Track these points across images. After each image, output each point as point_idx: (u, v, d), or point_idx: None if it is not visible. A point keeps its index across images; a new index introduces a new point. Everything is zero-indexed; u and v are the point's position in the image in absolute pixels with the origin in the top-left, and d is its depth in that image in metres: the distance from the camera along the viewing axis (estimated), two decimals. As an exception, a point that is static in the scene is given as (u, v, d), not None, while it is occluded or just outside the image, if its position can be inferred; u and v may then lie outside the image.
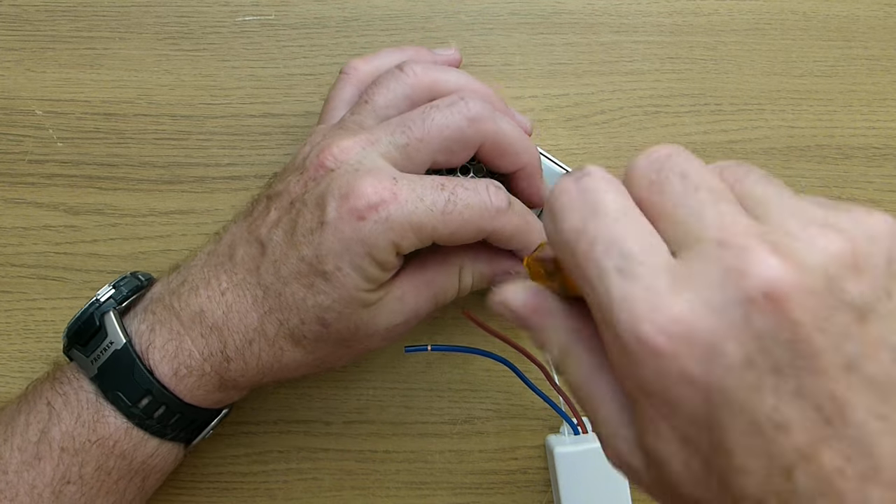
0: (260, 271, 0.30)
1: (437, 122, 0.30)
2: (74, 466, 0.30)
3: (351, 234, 0.28)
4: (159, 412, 0.31)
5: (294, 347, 0.30)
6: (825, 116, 0.39)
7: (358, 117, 0.32)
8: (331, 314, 0.29)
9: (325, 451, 0.38)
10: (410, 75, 0.32)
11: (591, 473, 0.35)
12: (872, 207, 0.19)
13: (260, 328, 0.30)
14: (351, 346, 0.31)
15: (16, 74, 0.39)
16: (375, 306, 0.30)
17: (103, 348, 0.31)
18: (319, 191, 0.29)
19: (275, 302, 0.30)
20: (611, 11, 0.39)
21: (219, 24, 0.39)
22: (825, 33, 0.40)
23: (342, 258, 0.28)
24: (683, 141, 0.39)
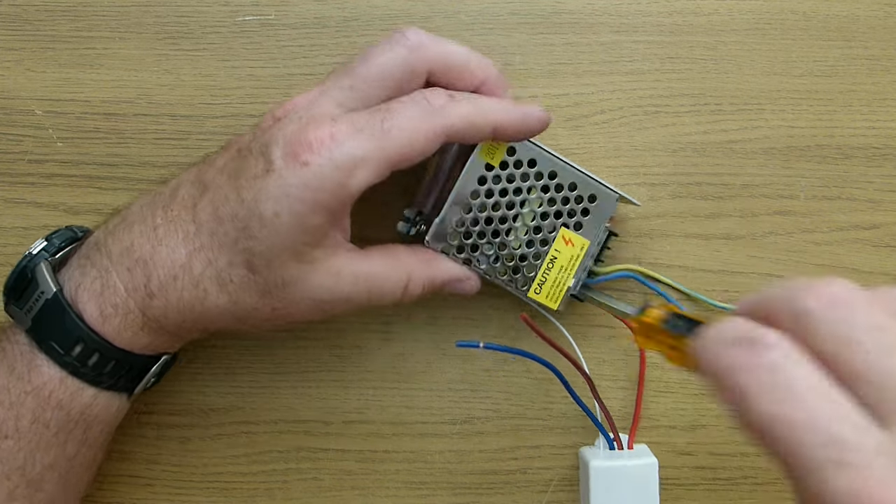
0: (196, 209, 0.30)
1: (378, 58, 0.31)
2: (10, 420, 0.30)
3: (294, 180, 0.28)
4: (93, 359, 0.31)
5: (218, 291, 0.30)
6: (825, 116, 0.39)
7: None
8: (260, 260, 0.29)
9: (325, 451, 0.38)
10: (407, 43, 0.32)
11: (623, 489, 0.35)
12: None
13: (187, 264, 0.30)
14: (275, 303, 0.31)
15: (16, 74, 0.39)
16: (308, 267, 0.30)
17: (34, 299, 0.30)
18: (265, 139, 0.29)
19: (206, 239, 0.30)
20: (611, 11, 0.39)
21: (219, 24, 0.39)
22: (825, 33, 0.40)
23: (281, 203, 0.28)
24: (683, 141, 0.39)
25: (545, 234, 0.35)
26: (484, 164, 0.33)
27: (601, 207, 0.35)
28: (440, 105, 0.30)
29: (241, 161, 0.30)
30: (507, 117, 0.31)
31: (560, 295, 0.35)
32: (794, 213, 0.39)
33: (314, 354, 0.39)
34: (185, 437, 0.38)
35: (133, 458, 0.38)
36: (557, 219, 0.35)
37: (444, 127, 0.30)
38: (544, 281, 0.35)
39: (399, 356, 0.39)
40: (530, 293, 0.35)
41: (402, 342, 0.39)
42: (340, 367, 0.39)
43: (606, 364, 0.39)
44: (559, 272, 0.35)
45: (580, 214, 0.35)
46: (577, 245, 0.35)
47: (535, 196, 0.34)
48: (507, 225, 0.34)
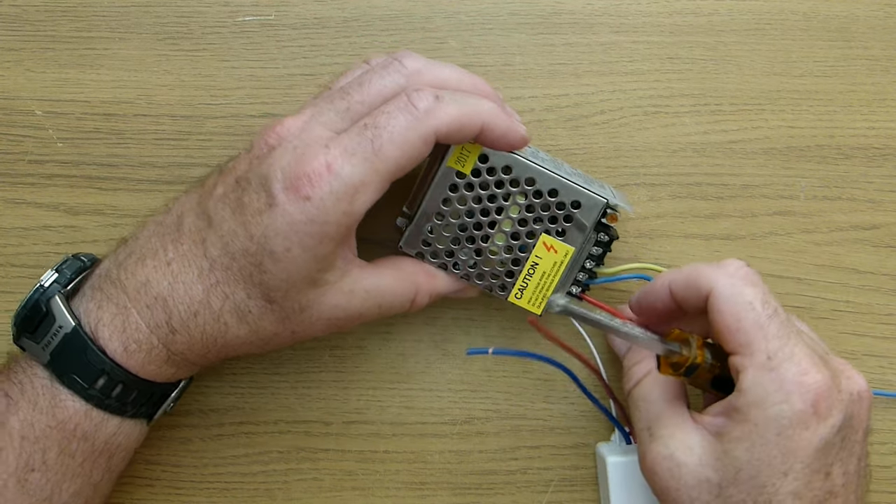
0: (206, 244, 0.30)
1: (375, 83, 0.31)
2: (37, 453, 0.30)
3: (300, 216, 0.28)
4: (117, 391, 0.31)
5: (239, 323, 0.31)
6: (825, 116, 0.39)
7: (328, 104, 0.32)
8: (276, 292, 0.30)
9: (325, 452, 0.38)
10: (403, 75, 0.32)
11: (642, 482, 0.34)
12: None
13: (205, 300, 0.30)
14: (294, 327, 0.31)
15: (16, 74, 0.39)
16: (322, 290, 0.31)
17: (53, 333, 0.30)
18: (262, 171, 0.29)
19: (221, 275, 0.30)
20: (610, 11, 0.39)
21: (219, 24, 0.39)
22: (825, 33, 0.40)
23: (291, 240, 0.29)
24: (683, 141, 0.39)
25: (524, 241, 0.34)
26: (455, 172, 0.33)
27: (586, 213, 0.34)
28: (426, 108, 0.29)
29: (242, 193, 0.30)
30: (495, 120, 0.31)
31: (543, 300, 0.35)
32: (794, 213, 0.39)
33: (314, 354, 0.39)
34: (185, 437, 0.38)
35: (133, 458, 0.38)
36: (537, 224, 0.34)
37: (433, 130, 0.29)
38: (525, 286, 0.35)
39: (399, 356, 0.39)
40: (511, 298, 0.35)
41: (402, 342, 0.39)
42: (340, 367, 0.39)
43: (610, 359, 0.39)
44: (542, 278, 0.35)
45: (563, 221, 0.34)
46: (561, 252, 0.34)
47: (511, 203, 0.34)
48: (482, 232, 0.34)
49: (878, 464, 0.39)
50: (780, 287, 0.39)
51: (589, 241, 0.35)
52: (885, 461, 0.39)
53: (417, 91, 0.30)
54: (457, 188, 0.33)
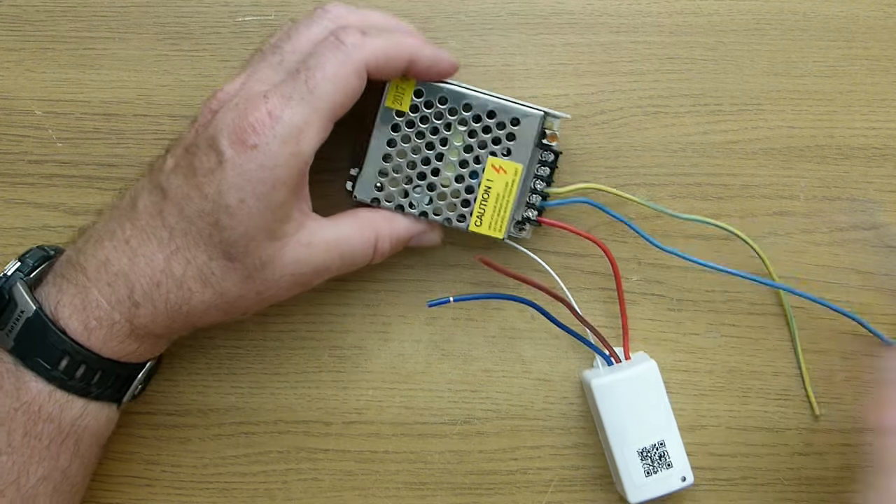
0: (163, 214, 0.31)
1: (303, 32, 0.32)
2: (2, 436, 0.30)
3: (249, 164, 0.29)
4: (80, 371, 0.31)
5: (203, 287, 0.31)
6: (825, 116, 0.39)
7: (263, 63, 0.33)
8: (236, 248, 0.31)
9: (325, 452, 0.38)
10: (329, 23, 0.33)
11: (630, 399, 0.36)
12: None
13: (167, 269, 0.31)
14: (258, 287, 0.32)
15: (16, 74, 0.39)
16: (282, 242, 0.31)
17: (15, 318, 0.31)
18: (209, 133, 0.30)
19: (181, 241, 0.31)
20: (610, 11, 0.39)
21: (218, 24, 0.39)
22: (825, 33, 0.40)
23: (245, 190, 0.30)
24: (683, 141, 0.39)
25: (473, 167, 0.35)
26: (394, 112, 0.34)
27: (526, 128, 0.35)
28: (354, 43, 0.31)
29: (192, 158, 0.31)
30: (422, 50, 0.32)
31: (503, 223, 0.35)
32: (794, 213, 0.39)
33: (314, 355, 0.39)
34: (185, 437, 0.38)
35: (133, 458, 0.38)
36: (483, 149, 0.35)
37: (363, 63, 0.31)
38: (483, 212, 0.35)
39: (399, 356, 0.39)
40: (471, 227, 0.35)
41: (402, 342, 0.39)
42: (340, 368, 0.39)
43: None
44: (497, 201, 0.35)
45: (506, 140, 0.35)
46: (510, 171, 0.35)
47: (454, 132, 0.35)
48: (431, 166, 0.35)
49: (877, 464, 0.39)
50: (780, 287, 0.39)
51: (535, 160, 0.36)
52: (885, 461, 0.39)
53: (344, 28, 0.31)
54: (398, 127, 0.35)
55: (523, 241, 0.37)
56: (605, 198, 0.38)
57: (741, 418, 0.39)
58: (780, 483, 0.39)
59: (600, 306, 0.39)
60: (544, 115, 0.35)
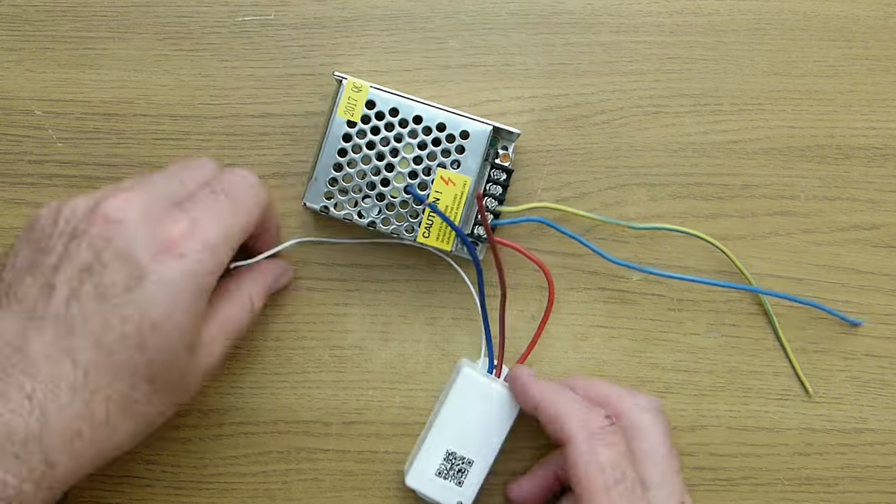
0: (73, 353, 0.27)
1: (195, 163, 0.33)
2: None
3: (175, 275, 0.28)
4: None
5: (126, 420, 0.29)
6: (825, 116, 0.39)
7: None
8: (159, 367, 0.29)
9: (325, 452, 0.38)
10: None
11: (479, 407, 0.36)
12: None
13: (86, 414, 0.27)
14: (176, 398, 0.31)
15: (16, 74, 0.39)
16: (195, 349, 0.30)
17: None
18: (118, 246, 0.28)
19: (99, 378, 0.27)
20: (611, 11, 0.39)
21: (218, 24, 0.39)
22: (825, 33, 0.40)
23: (171, 303, 0.28)
24: (683, 141, 0.39)
25: (423, 179, 0.35)
26: (345, 122, 0.35)
27: (476, 142, 0.35)
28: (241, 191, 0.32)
29: (97, 279, 0.28)
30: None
31: (451, 235, 0.36)
32: (795, 213, 0.39)
33: (314, 355, 0.39)
34: (185, 437, 0.38)
35: (133, 459, 0.38)
36: (432, 161, 0.35)
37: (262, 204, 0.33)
38: (431, 224, 0.35)
39: (399, 356, 0.39)
40: (419, 238, 0.36)
41: (402, 342, 0.39)
42: (340, 367, 0.39)
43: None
44: (445, 213, 0.35)
45: (455, 153, 0.35)
46: (459, 183, 0.35)
47: (405, 144, 0.35)
48: (381, 176, 0.35)
49: (878, 464, 0.39)
50: (781, 287, 0.39)
51: (484, 174, 0.36)
52: (886, 461, 0.39)
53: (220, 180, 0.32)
54: (350, 137, 0.35)
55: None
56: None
57: (741, 418, 0.39)
58: (780, 483, 0.39)
59: (601, 306, 0.39)
60: (493, 129, 0.35)
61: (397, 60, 0.39)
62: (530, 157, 0.39)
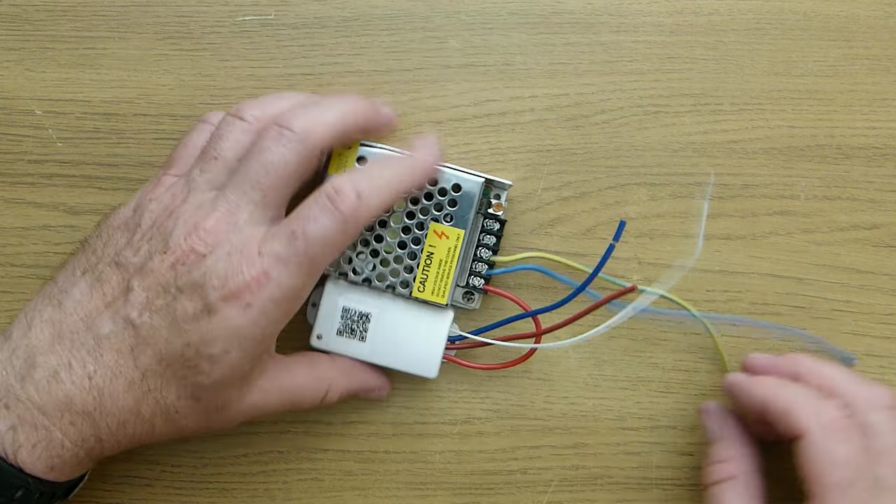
0: (135, 354, 0.30)
1: (276, 163, 0.31)
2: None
3: (241, 320, 0.29)
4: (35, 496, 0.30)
5: (165, 422, 0.31)
6: (825, 116, 0.39)
7: (209, 175, 0.32)
8: (206, 391, 0.30)
9: (325, 452, 0.38)
10: (252, 121, 0.33)
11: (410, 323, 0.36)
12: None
13: (135, 409, 0.30)
14: (211, 423, 0.32)
15: (16, 74, 0.39)
16: (244, 390, 0.32)
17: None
18: (194, 279, 0.29)
19: (154, 383, 0.30)
20: (611, 11, 0.39)
21: (218, 23, 0.39)
22: (826, 33, 0.40)
23: (231, 343, 0.29)
24: (684, 141, 0.39)
25: (416, 234, 0.35)
26: None
27: (468, 195, 0.35)
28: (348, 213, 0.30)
29: (172, 301, 0.30)
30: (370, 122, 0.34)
31: (446, 289, 0.35)
32: (795, 213, 0.39)
33: (314, 354, 0.39)
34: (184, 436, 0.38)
35: (133, 459, 0.38)
36: (425, 216, 0.35)
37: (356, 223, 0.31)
38: (426, 278, 0.35)
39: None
40: (414, 293, 0.35)
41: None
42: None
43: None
44: (440, 267, 0.35)
45: (448, 207, 0.35)
46: (452, 237, 0.35)
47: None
48: (374, 232, 0.35)
49: (878, 464, 0.38)
50: (781, 287, 0.39)
51: (478, 226, 0.36)
52: (886, 461, 0.39)
53: (339, 192, 0.30)
54: None
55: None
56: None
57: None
58: (779, 484, 0.38)
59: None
60: (485, 181, 0.35)
61: (397, 60, 0.39)
62: (531, 156, 0.39)
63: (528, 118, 0.39)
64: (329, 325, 0.36)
